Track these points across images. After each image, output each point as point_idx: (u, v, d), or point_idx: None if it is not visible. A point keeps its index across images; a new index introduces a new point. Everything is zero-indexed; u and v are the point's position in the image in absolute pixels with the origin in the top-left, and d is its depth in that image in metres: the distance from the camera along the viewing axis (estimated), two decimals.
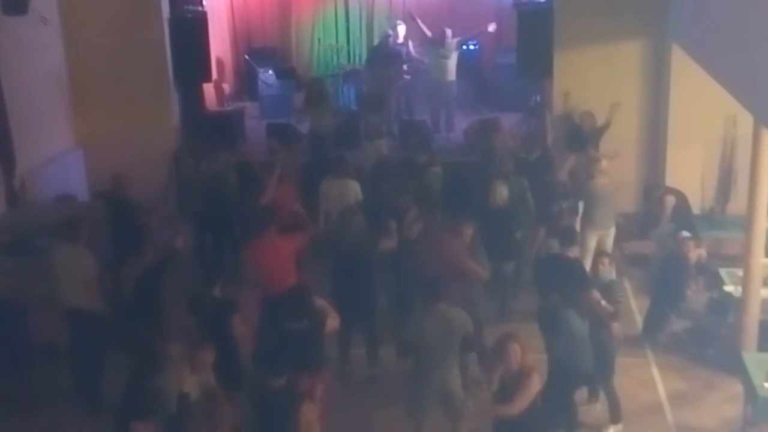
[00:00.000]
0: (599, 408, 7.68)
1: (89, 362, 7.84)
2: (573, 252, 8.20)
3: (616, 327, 7.46)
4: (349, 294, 7.89)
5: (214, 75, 13.36)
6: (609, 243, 9.55)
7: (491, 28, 13.45)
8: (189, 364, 6.53)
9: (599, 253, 8.50)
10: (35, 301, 8.33)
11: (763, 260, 8.15)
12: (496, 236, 8.80)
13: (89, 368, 7.84)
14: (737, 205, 9.94)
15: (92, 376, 7.82)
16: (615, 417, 7.55)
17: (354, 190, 9.50)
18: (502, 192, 8.97)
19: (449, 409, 6.99)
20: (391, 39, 14.03)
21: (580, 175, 9.86)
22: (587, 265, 8.78)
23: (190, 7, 12.58)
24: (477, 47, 14.80)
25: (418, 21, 13.58)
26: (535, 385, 6.19)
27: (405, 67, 13.83)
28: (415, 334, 6.87)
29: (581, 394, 7.56)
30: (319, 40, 15.71)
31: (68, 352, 7.94)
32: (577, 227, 9.36)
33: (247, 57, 15.25)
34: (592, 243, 9.39)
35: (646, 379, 8.31)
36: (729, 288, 8.75)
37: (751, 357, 7.56)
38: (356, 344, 8.31)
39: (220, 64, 14.55)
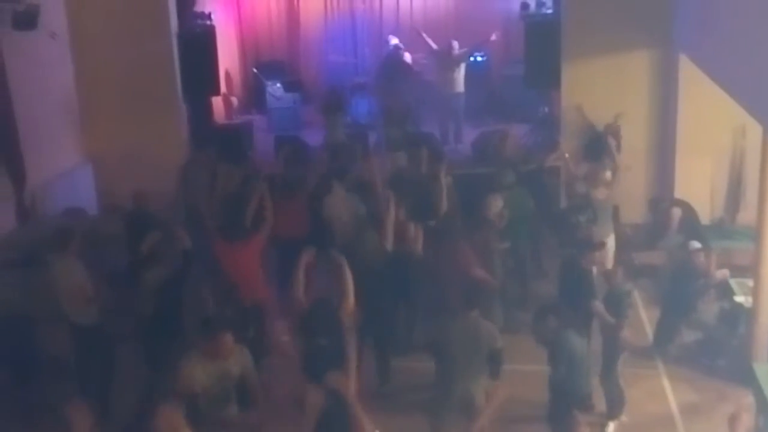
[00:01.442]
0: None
1: (93, 376, 7.82)
2: (589, 260, 8.14)
3: (624, 335, 7.50)
4: (361, 310, 7.76)
5: (223, 88, 13.42)
6: (607, 254, 9.50)
7: (493, 37, 13.51)
8: (206, 354, 6.38)
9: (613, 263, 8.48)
10: (44, 316, 8.35)
11: None
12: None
13: (94, 382, 7.82)
14: (747, 215, 9.91)
15: (98, 390, 7.80)
16: (614, 412, 7.56)
17: (356, 203, 9.47)
18: (496, 204, 8.95)
19: (470, 420, 6.92)
20: (400, 52, 14.08)
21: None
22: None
23: (199, 22, 12.66)
24: (484, 59, 14.84)
25: (424, 35, 13.64)
26: None
27: (415, 79, 13.91)
28: (441, 337, 6.85)
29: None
30: (326, 53, 15.77)
31: (75, 366, 7.96)
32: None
33: (255, 70, 15.32)
34: None
35: (657, 391, 8.27)
36: (739, 298, 8.72)
37: (763, 367, 7.53)
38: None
39: (228, 77, 14.63)
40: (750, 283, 8.39)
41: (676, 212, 9.93)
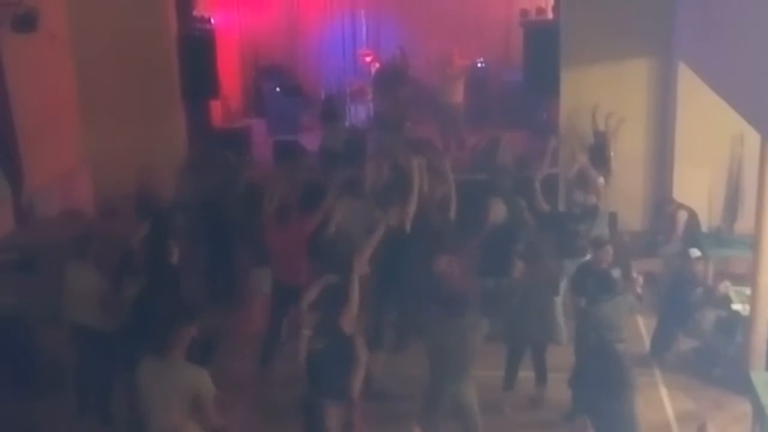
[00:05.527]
0: None
1: (97, 381, 7.81)
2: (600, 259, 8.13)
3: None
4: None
5: (222, 92, 13.42)
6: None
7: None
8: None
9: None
10: (43, 319, 8.33)
11: None
12: (495, 254, 8.72)
13: (97, 387, 7.81)
14: (744, 223, 9.91)
15: (101, 395, 7.79)
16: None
17: (371, 211, 9.34)
18: (500, 209, 8.91)
19: (463, 424, 6.94)
20: (397, 59, 14.10)
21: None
22: None
23: (198, 26, 12.68)
24: (484, 65, 14.86)
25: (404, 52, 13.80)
26: None
27: (413, 86, 13.93)
28: (430, 346, 6.85)
29: None
30: (326, 58, 15.79)
31: (76, 371, 7.93)
32: None
33: (254, 74, 15.33)
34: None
35: (654, 399, 8.26)
36: (737, 307, 8.72)
37: (759, 376, 7.51)
38: None
39: (227, 81, 14.63)
40: (747, 291, 8.40)
41: (683, 215, 9.88)
